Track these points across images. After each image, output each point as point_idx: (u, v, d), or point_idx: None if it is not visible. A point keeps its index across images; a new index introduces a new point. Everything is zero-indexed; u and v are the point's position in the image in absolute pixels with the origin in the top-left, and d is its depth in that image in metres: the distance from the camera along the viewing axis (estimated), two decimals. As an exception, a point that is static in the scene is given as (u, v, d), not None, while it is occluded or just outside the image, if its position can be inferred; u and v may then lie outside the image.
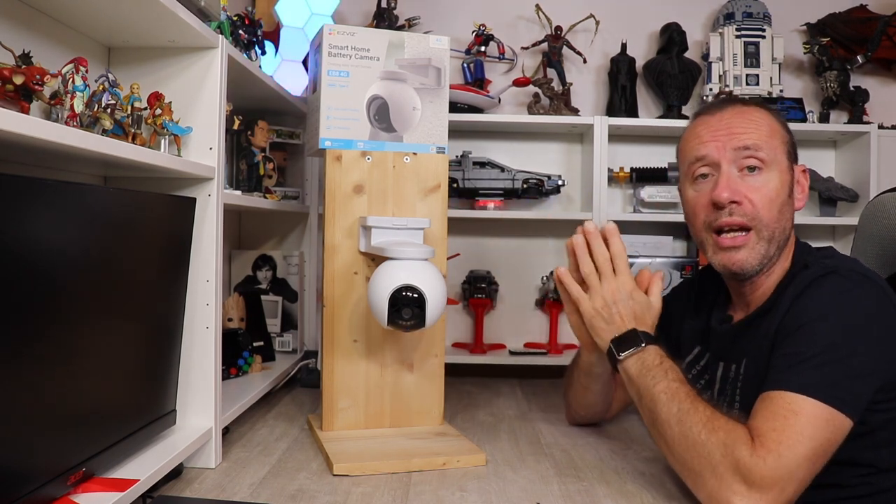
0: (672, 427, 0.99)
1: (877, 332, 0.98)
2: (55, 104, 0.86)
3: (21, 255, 0.75)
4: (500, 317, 2.16)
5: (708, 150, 1.11)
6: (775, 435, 0.91)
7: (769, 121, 1.13)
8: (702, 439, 0.94)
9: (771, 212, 1.08)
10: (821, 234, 2.14)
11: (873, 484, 1.02)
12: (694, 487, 0.97)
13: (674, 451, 0.99)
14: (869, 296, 1.01)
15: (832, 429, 0.92)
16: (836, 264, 1.06)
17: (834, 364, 0.95)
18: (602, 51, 2.19)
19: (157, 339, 1.10)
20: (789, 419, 0.91)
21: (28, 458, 0.80)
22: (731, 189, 1.08)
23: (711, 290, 1.26)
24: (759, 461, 0.89)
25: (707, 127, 1.14)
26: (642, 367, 1.08)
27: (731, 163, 1.10)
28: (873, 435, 1.00)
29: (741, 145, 1.09)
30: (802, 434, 0.90)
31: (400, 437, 1.31)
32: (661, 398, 1.02)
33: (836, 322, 0.98)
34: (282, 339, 1.89)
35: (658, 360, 1.08)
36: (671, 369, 1.06)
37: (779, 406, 0.93)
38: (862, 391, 0.95)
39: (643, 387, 1.06)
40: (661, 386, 1.03)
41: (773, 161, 1.10)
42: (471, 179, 2.00)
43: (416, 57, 1.35)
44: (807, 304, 1.01)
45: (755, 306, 1.14)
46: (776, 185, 1.09)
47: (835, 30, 2.13)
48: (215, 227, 1.18)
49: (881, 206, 1.30)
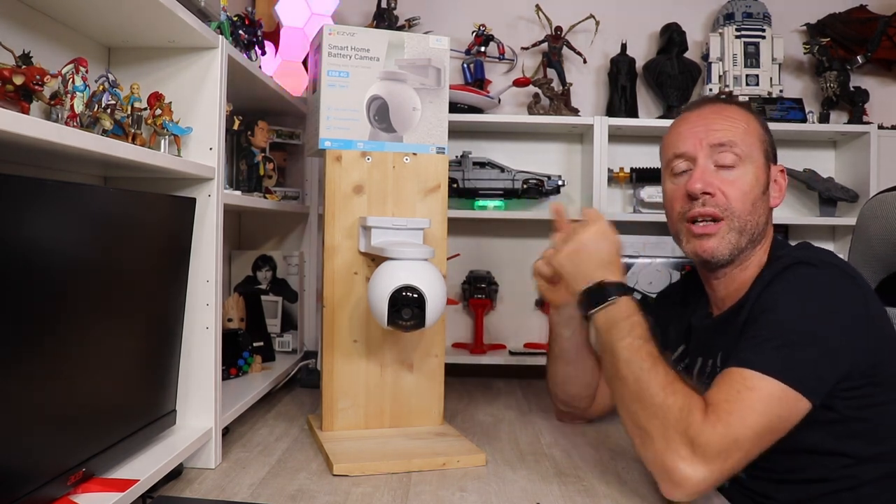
0: (629, 384, 1.01)
1: (842, 319, 1.01)
2: (55, 104, 0.86)
3: (21, 256, 0.75)
4: (500, 317, 2.16)
5: (686, 147, 1.17)
6: (727, 406, 0.93)
7: (746, 119, 1.17)
8: (657, 401, 0.96)
9: (744, 204, 1.13)
10: (821, 234, 2.15)
11: (856, 476, 1.03)
12: (641, 447, 0.99)
13: (628, 407, 1.01)
14: (834, 282, 1.04)
15: (785, 406, 0.95)
16: (807, 255, 1.09)
17: (793, 345, 0.97)
18: (602, 51, 2.19)
19: (157, 339, 1.10)
20: (742, 393, 0.94)
21: (28, 458, 0.80)
22: (704, 181, 1.13)
23: (696, 290, 1.28)
24: (707, 427, 0.92)
25: (686, 123, 1.19)
26: (608, 321, 1.08)
27: (708, 158, 1.15)
28: (847, 424, 1.02)
29: (717, 141, 1.14)
30: (753, 408, 0.93)
31: (400, 438, 1.31)
32: (623, 354, 1.03)
33: (798, 305, 1.01)
34: (282, 339, 1.89)
35: (625, 314, 1.07)
36: (637, 325, 1.05)
37: (735, 381, 0.96)
38: (821, 373, 0.97)
39: (607, 341, 1.08)
40: (625, 342, 1.04)
41: (748, 157, 1.14)
42: (471, 179, 2.01)
43: (415, 57, 1.35)
44: (773, 290, 1.05)
45: (731, 302, 1.17)
46: (750, 179, 1.14)
47: (835, 30, 2.13)
48: (215, 228, 1.18)
49: (880, 206, 1.30)
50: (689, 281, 1.32)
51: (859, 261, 1.33)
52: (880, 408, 1.03)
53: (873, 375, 1.02)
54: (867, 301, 1.04)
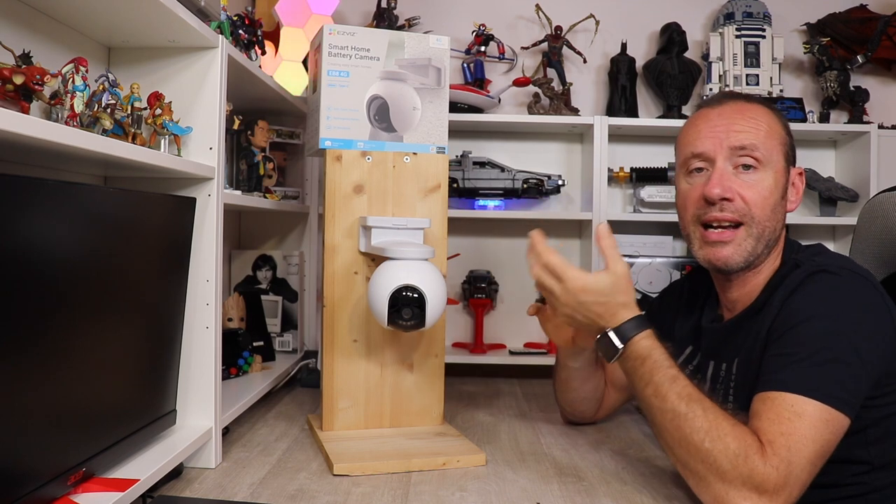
0: (670, 432, 0.97)
1: (868, 329, 0.99)
2: (55, 104, 0.86)
3: (21, 256, 0.75)
4: (500, 317, 2.16)
5: (705, 147, 1.11)
6: (784, 440, 0.90)
7: (769, 120, 1.12)
8: (706, 447, 0.92)
9: (764, 210, 1.09)
10: (821, 234, 2.15)
11: (867, 483, 1.02)
12: (696, 489, 0.96)
13: (674, 452, 0.98)
14: (859, 292, 1.02)
15: (832, 429, 0.92)
16: (826, 262, 1.06)
17: (830, 363, 0.95)
18: (602, 51, 2.19)
19: (157, 338, 1.10)
20: (794, 422, 0.91)
21: (28, 458, 0.80)
22: (723, 185, 1.08)
23: (703, 290, 1.26)
24: (770, 470, 0.88)
25: (706, 122, 1.13)
26: (627, 369, 1.06)
27: (727, 160, 1.10)
28: (864, 433, 1.01)
29: (738, 144, 1.09)
30: (807, 437, 0.90)
31: (400, 437, 1.31)
32: (653, 402, 0.99)
33: (828, 320, 0.98)
34: (282, 339, 1.89)
35: (638, 362, 1.03)
36: (657, 366, 1.01)
37: (782, 408, 0.92)
38: (857, 389, 0.95)
39: (633, 386, 1.05)
40: (650, 390, 1.00)
41: (768, 161, 1.10)
42: (471, 179, 2.00)
43: (416, 57, 1.35)
44: (798, 304, 1.01)
45: (743, 305, 1.14)
46: (770, 184, 1.09)
47: (835, 30, 2.13)
48: (215, 227, 1.18)
49: (879, 206, 1.30)
50: (696, 280, 1.29)
51: (859, 261, 1.32)
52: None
53: (892, 384, 1.01)
54: (889, 309, 1.02)
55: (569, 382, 1.37)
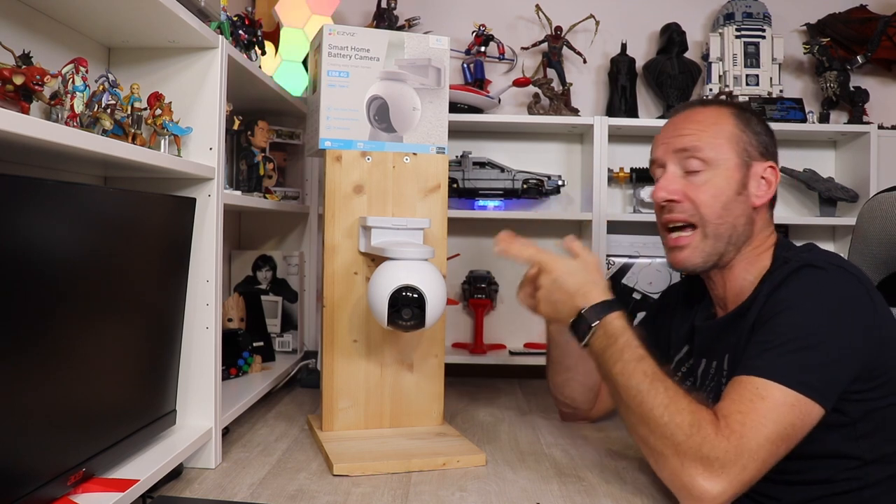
0: (633, 409, 1.00)
1: (850, 322, 1.00)
2: (55, 104, 0.86)
3: (21, 256, 0.75)
4: (500, 317, 2.16)
5: (658, 153, 1.18)
6: (740, 417, 0.93)
7: (719, 120, 1.15)
8: (664, 421, 0.95)
9: (713, 208, 1.12)
10: (821, 234, 2.15)
11: (860, 478, 1.02)
12: (656, 466, 0.99)
13: (636, 430, 1.01)
14: (843, 286, 1.03)
15: (798, 414, 0.94)
16: (813, 258, 1.07)
17: (804, 351, 0.96)
18: (602, 51, 2.19)
19: (157, 339, 1.10)
20: (755, 402, 0.93)
21: (28, 458, 0.80)
22: (667, 189, 1.14)
23: (699, 290, 1.28)
24: (721, 441, 0.91)
25: (663, 130, 1.20)
26: (598, 349, 1.08)
27: (676, 164, 1.15)
28: (854, 426, 1.01)
29: (681, 147, 1.14)
30: (766, 417, 0.92)
31: (400, 438, 1.31)
32: (619, 380, 1.02)
33: (808, 310, 1.00)
34: (282, 339, 1.89)
35: (612, 338, 1.05)
36: (627, 346, 1.04)
37: (746, 390, 0.95)
38: (833, 378, 0.97)
39: (602, 367, 1.08)
40: (617, 367, 1.03)
41: (714, 161, 1.12)
42: (471, 179, 2.01)
43: (415, 57, 1.35)
44: (781, 295, 1.03)
45: (734, 303, 1.16)
46: (718, 182, 1.12)
47: (835, 30, 2.13)
48: (215, 228, 1.18)
49: (879, 206, 1.30)
50: (693, 281, 1.31)
51: (859, 261, 1.32)
52: (887, 410, 1.02)
53: (881, 377, 1.01)
54: (874, 303, 1.03)
55: (561, 360, 1.37)
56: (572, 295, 1.12)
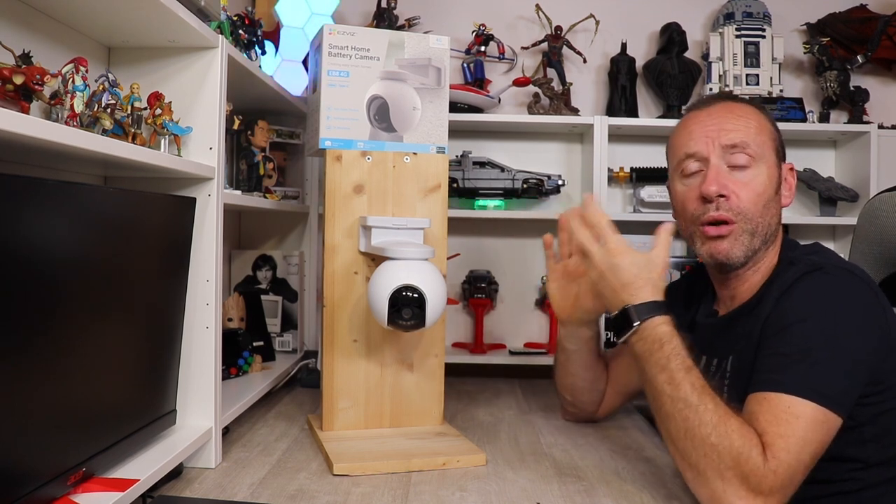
0: (677, 422, 0.96)
1: (862, 328, 1.00)
2: (55, 104, 0.86)
3: (21, 255, 0.75)
4: (500, 317, 2.16)
5: (698, 147, 1.14)
6: (782, 442, 0.91)
7: (758, 118, 1.15)
8: (712, 441, 0.92)
9: (757, 206, 1.10)
10: (821, 234, 2.15)
11: (862, 480, 1.02)
12: (693, 482, 0.96)
13: (676, 443, 0.97)
14: (853, 291, 1.03)
15: (826, 430, 0.94)
16: (822, 261, 1.07)
17: (824, 363, 0.96)
18: (602, 51, 2.19)
19: (157, 338, 1.10)
20: (792, 424, 0.92)
21: (28, 458, 0.80)
22: (719, 183, 1.10)
23: (699, 287, 1.28)
24: (769, 473, 0.89)
25: (697, 123, 1.16)
26: (642, 352, 1.02)
27: (720, 158, 1.12)
28: (860, 430, 1.01)
29: (730, 142, 1.12)
30: (804, 439, 0.91)
31: (400, 437, 1.31)
32: (665, 389, 0.98)
33: (822, 320, 0.99)
34: (282, 339, 1.89)
35: (656, 346, 1.00)
36: (674, 354, 0.99)
37: (779, 409, 0.93)
38: (851, 388, 0.96)
39: (645, 372, 1.02)
40: (664, 376, 0.98)
41: (761, 157, 1.12)
42: (471, 179, 2.00)
43: (416, 57, 1.35)
44: (792, 302, 1.02)
45: (739, 301, 1.15)
46: (763, 180, 1.11)
47: (835, 30, 2.13)
48: (215, 227, 1.18)
49: (879, 206, 1.30)
50: (693, 278, 1.31)
51: (860, 261, 1.32)
52: (892, 413, 1.02)
53: (888, 381, 1.01)
54: (883, 308, 1.03)
55: (567, 366, 1.37)
56: (624, 286, 1.05)
